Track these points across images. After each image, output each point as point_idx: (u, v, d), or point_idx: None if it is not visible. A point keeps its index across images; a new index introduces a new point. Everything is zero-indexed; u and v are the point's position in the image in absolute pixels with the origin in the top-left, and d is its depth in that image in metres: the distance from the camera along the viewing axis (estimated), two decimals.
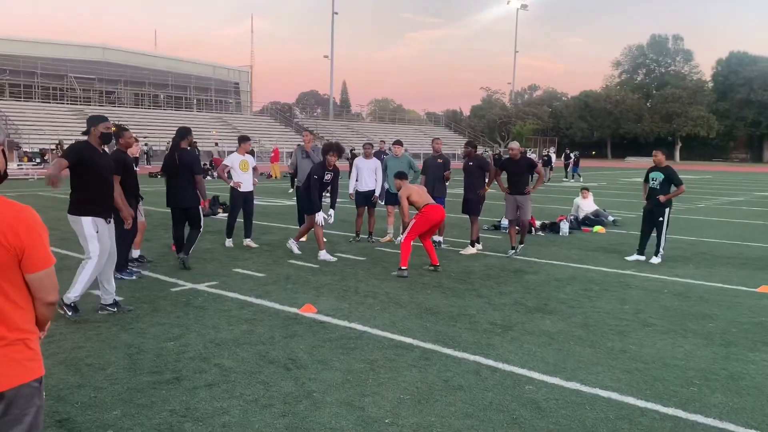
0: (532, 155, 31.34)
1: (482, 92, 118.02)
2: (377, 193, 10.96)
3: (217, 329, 5.69)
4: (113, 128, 6.69)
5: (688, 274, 8.64)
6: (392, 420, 3.86)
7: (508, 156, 10.28)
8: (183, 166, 8.21)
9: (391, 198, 11.13)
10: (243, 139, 10.17)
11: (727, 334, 5.85)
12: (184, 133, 8.34)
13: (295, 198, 11.56)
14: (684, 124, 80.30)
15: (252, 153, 32.00)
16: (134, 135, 8.24)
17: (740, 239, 12.12)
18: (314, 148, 10.86)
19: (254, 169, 10.23)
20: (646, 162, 10.76)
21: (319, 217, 9.12)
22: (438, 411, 4.01)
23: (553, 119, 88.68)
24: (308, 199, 9.30)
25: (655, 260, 9.39)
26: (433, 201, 8.62)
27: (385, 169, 11.29)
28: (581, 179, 32.41)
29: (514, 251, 9.81)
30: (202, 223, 8.49)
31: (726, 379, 4.71)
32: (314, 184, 9.12)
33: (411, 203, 8.54)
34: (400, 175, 9.09)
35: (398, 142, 11.58)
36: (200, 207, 8.43)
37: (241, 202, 10.02)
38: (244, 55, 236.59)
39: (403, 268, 8.15)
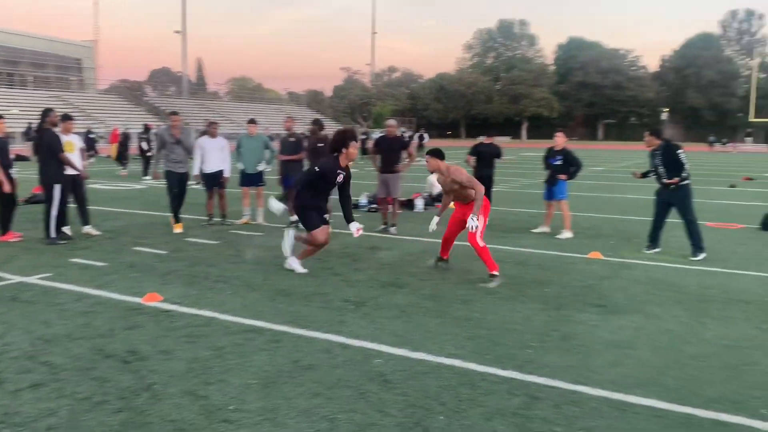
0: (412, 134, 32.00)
1: (343, 73, 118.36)
2: (226, 174, 10.57)
3: (47, 325, 5.21)
4: None
5: (529, 244, 9.24)
6: (237, 406, 3.75)
7: (383, 134, 10.39)
8: (42, 146, 8.71)
9: (248, 179, 10.84)
10: (65, 118, 9.31)
11: (560, 297, 6.32)
12: (44, 114, 8.87)
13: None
14: (529, 105, 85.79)
15: (94, 138, 29.74)
16: None
17: (574, 210, 13.12)
18: (184, 132, 10.25)
19: (81, 150, 9.46)
20: (496, 142, 11.83)
21: (323, 230, 6.96)
22: (285, 393, 3.95)
23: (411, 100, 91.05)
24: (307, 210, 6.97)
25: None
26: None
27: (239, 148, 10.94)
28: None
29: (385, 227, 10.03)
30: (55, 202, 8.72)
31: (558, 339, 5.07)
32: (318, 185, 6.90)
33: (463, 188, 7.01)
34: (436, 153, 7.09)
35: (252, 121, 11.25)
36: (54, 188, 8.76)
37: (69, 186, 9.16)
38: (88, 30, 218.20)
39: (495, 273, 6.82)
